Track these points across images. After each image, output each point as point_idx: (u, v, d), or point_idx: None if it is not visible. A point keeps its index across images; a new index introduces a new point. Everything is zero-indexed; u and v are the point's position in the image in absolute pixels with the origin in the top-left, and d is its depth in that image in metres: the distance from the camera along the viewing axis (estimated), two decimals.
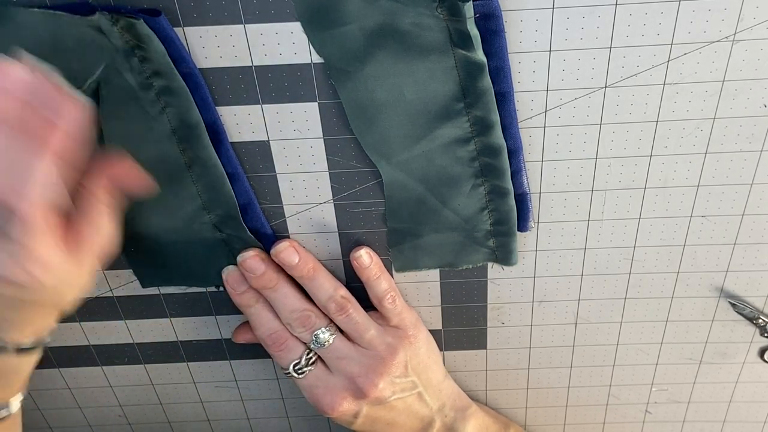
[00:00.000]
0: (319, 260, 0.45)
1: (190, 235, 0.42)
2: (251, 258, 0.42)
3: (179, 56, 0.35)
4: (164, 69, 0.35)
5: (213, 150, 0.38)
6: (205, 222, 0.41)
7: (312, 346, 0.43)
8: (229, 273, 0.43)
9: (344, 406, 0.44)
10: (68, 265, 0.36)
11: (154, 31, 0.34)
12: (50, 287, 0.36)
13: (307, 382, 0.44)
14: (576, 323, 0.49)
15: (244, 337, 0.47)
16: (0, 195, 0.31)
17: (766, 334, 0.48)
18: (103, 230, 0.38)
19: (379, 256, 0.44)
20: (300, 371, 0.44)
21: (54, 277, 0.35)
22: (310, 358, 0.44)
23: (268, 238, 0.43)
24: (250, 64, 0.36)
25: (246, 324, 0.47)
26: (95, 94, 0.36)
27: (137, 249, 0.42)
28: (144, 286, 0.45)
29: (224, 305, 0.47)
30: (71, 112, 0.31)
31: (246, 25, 0.35)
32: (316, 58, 0.36)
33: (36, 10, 0.33)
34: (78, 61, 0.35)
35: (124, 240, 0.43)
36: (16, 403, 0.40)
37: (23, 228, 0.33)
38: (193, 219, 0.41)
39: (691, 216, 0.43)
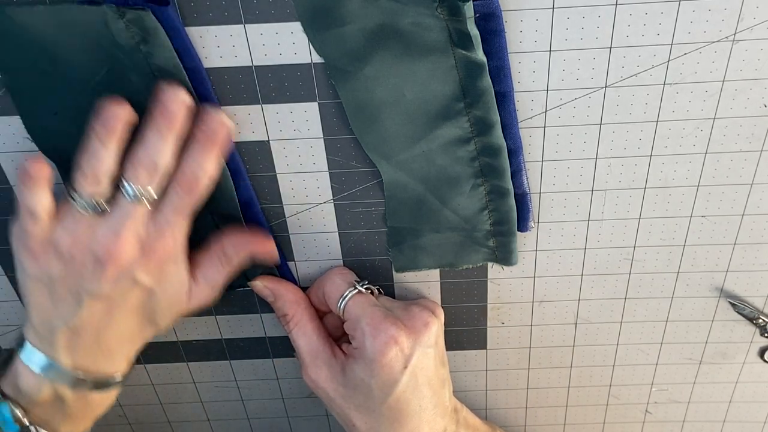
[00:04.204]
0: (319, 260, 0.45)
1: (191, 233, 0.42)
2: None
3: (184, 49, 0.35)
4: (169, 65, 0.35)
5: None
6: (206, 220, 0.41)
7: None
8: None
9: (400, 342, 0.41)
10: (182, 285, 0.40)
11: (160, 23, 0.34)
12: (164, 292, 0.39)
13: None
14: (576, 323, 0.49)
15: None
16: (188, 182, 0.37)
17: (766, 334, 0.48)
18: (216, 289, 0.42)
19: (379, 256, 0.45)
20: None
21: (170, 285, 0.39)
22: None
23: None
24: (250, 64, 0.36)
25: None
26: (99, 95, 0.36)
27: None
28: None
29: (224, 305, 0.47)
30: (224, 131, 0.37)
31: (246, 25, 0.35)
32: (316, 58, 0.36)
33: (40, 7, 0.33)
34: (81, 63, 0.35)
35: None
36: None
37: (171, 216, 0.37)
38: (196, 218, 0.41)
39: (691, 216, 0.43)
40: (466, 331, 0.49)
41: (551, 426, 0.56)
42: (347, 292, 0.42)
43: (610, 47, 0.36)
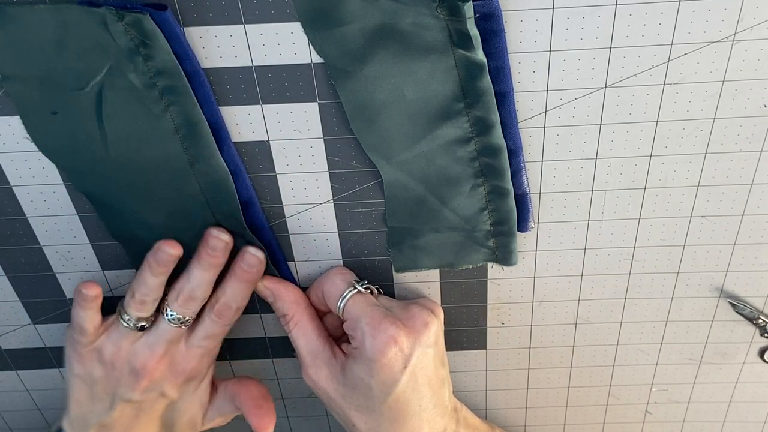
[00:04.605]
0: (319, 260, 0.45)
1: (193, 235, 0.42)
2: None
3: (183, 53, 0.35)
4: (168, 67, 0.35)
5: (216, 147, 0.38)
6: (208, 220, 0.41)
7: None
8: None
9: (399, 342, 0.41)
10: (201, 404, 0.46)
11: (159, 27, 0.34)
12: (185, 407, 0.45)
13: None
14: (576, 323, 0.49)
15: None
16: (224, 305, 0.42)
17: (766, 334, 0.48)
18: (227, 419, 0.47)
19: (379, 256, 0.45)
20: None
21: (191, 401, 0.45)
22: None
23: (266, 235, 0.43)
24: (250, 64, 0.36)
25: None
26: (98, 96, 0.36)
27: (140, 249, 0.42)
28: None
29: None
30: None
31: (246, 25, 0.35)
32: (316, 58, 0.36)
33: (40, 6, 0.33)
34: (81, 63, 0.35)
35: (127, 240, 0.43)
36: None
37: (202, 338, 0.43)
38: (197, 217, 0.41)
39: (691, 216, 0.43)
40: (466, 331, 0.49)
41: (551, 426, 0.56)
42: (347, 292, 0.43)
43: (610, 47, 0.36)
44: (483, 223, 0.42)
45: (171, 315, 0.41)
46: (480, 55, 0.35)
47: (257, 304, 0.47)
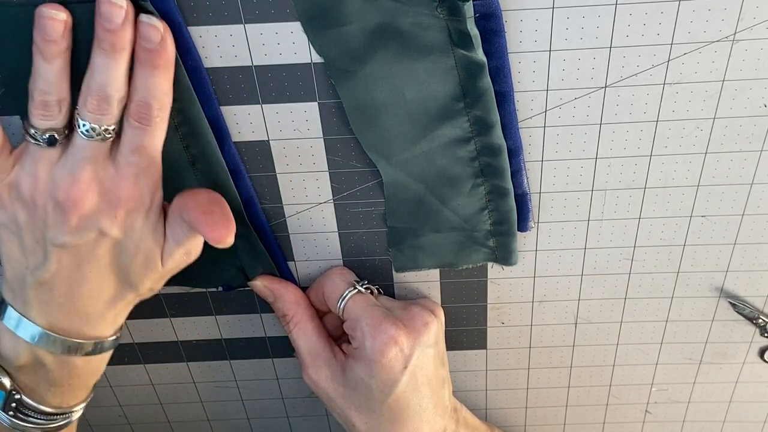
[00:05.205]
0: (319, 260, 0.45)
1: None
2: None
3: (185, 47, 0.35)
4: None
5: (217, 146, 0.38)
6: None
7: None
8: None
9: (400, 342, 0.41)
10: (154, 240, 0.37)
11: (161, 16, 0.34)
12: (134, 247, 0.36)
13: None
14: (576, 323, 0.49)
15: None
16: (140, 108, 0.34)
17: (766, 334, 0.48)
18: (189, 251, 0.38)
19: (379, 256, 0.45)
20: None
21: (140, 239, 0.36)
22: None
23: (266, 235, 0.43)
24: (250, 64, 0.36)
25: None
26: None
27: None
28: None
29: (224, 305, 0.47)
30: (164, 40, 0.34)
31: (246, 25, 0.35)
32: (316, 58, 0.36)
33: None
34: (80, 62, 0.35)
35: None
36: (78, 412, 0.40)
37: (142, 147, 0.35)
38: None
39: (691, 216, 0.43)
40: (466, 331, 0.49)
41: (551, 426, 0.56)
42: (347, 292, 0.43)
43: (610, 47, 0.36)
44: (483, 223, 0.42)
45: (84, 126, 0.33)
46: (480, 54, 0.35)
47: (257, 304, 0.47)
